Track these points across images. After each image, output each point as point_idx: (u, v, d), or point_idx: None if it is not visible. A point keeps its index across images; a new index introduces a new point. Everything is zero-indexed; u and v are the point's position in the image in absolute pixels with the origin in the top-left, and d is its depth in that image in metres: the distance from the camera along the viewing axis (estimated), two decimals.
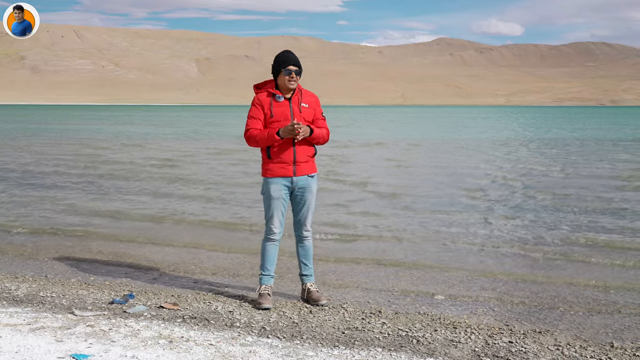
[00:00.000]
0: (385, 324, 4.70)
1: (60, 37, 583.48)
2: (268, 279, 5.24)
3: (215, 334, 4.40)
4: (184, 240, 8.06)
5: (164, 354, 3.95)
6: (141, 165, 17.60)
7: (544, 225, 9.03)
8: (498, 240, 8.10)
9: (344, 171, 16.05)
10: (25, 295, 5.47)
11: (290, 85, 5.05)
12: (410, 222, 9.33)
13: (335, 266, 6.73)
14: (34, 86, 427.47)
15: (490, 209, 10.48)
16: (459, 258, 7.15)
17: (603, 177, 14.86)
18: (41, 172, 15.80)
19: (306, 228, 5.26)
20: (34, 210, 10.27)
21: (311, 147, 5.16)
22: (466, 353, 4.16)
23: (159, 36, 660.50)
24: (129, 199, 11.54)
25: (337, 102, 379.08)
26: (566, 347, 4.32)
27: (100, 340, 4.18)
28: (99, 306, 5.10)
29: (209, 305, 5.13)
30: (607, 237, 8.21)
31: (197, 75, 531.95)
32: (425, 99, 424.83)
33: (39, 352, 3.92)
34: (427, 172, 16.29)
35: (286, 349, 4.12)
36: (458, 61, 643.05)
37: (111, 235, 8.40)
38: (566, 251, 7.50)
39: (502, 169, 16.99)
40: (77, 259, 7.03)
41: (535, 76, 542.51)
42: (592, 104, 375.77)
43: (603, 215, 9.82)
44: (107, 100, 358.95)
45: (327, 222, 9.08)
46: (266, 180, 5.14)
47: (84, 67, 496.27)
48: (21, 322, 4.57)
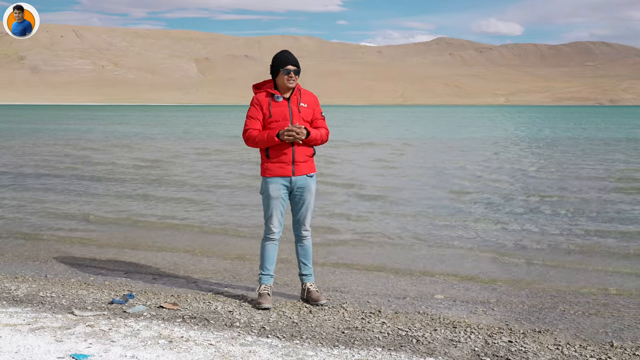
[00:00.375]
0: (385, 324, 4.70)
1: (59, 37, 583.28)
2: (267, 279, 5.24)
3: (215, 334, 4.40)
4: (183, 241, 8.06)
5: (163, 353, 3.95)
6: (125, 167, 17.59)
7: (541, 226, 9.03)
8: (495, 241, 8.10)
9: (332, 172, 16.00)
10: (25, 295, 5.47)
11: (289, 85, 5.05)
12: (405, 224, 9.33)
13: (335, 265, 6.74)
14: (34, 86, 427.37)
15: (485, 210, 10.48)
16: (457, 258, 7.15)
17: (597, 179, 14.86)
18: (21, 173, 15.79)
19: (305, 228, 5.26)
20: (27, 211, 10.26)
21: (310, 147, 5.16)
22: (466, 352, 4.17)
23: (158, 36, 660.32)
24: (120, 200, 11.54)
25: (337, 101, 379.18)
26: (566, 346, 4.32)
27: (100, 340, 4.18)
28: (99, 306, 5.10)
29: (209, 305, 5.13)
30: (604, 238, 8.21)
31: (196, 75, 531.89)
32: (424, 99, 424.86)
33: (38, 352, 3.92)
34: (417, 172, 16.27)
35: (286, 349, 4.13)
36: (458, 61, 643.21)
37: (110, 236, 8.40)
38: (565, 251, 7.50)
39: (490, 168, 17.00)
40: (76, 259, 7.03)
41: (535, 76, 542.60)
42: (591, 103, 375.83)
43: (600, 216, 9.82)
44: (106, 100, 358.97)
45: (321, 224, 9.08)
46: (265, 179, 5.14)
47: (84, 67, 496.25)
48: (21, 322, 4.57)
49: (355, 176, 15.15)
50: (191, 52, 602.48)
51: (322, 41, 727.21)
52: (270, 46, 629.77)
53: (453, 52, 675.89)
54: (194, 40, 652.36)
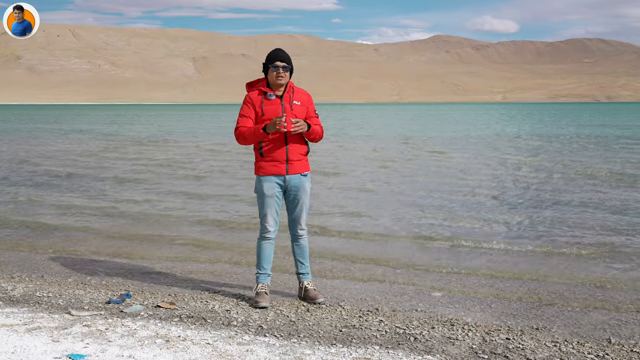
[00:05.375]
0: (382, 322, 4.70)
1: (56, 36, 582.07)
2: (264, 278, 5.23)
3: (212, 333, 4.39)
4: (180, 240, 8.04)
5: (160, 353, 3.94)
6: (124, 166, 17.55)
7: (538, 223, 9.04)
8: (492, 238, 8.10)
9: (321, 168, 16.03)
10: (21, 296, 5.45)
11: (278, 81, 5.03)
12: (400, 221, 9.32)
13: (332, 263, 6.73)
14: (31, 86, 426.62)
15: (483, 207, 10.48)
16: (454, 255, 7.15)
17: (600, 176, 14.87)
18: (20, 173, 15.76)
19: (301, 227, 5.25)
20: (23, 210, 10.25)
21: (304, 146, 5.15)
22: (464, 350, 4.16)
23: (155, 35, 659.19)
24: (116, 199, 11.52)
25: (334, 99, 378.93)
26: (564, 343, 4.32)
27: (97, 340, 4.17)
28: (96, 306, 5.09)
29: (206, 305, 5.12)
30: (603, 234, 8.21)
31: (193, 73, 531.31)
32: (422, 97, 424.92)
33: (35, 353, 3.91)
34: (415, 169, 16.28)
35: (283, 348, 4.12)
36: (454, 58, 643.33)
37: (107, 235, 8.38)
38: (562, 247, 7.50)
39: (490, 166, 17.01)
40: (73, 259, 7.01)
41: (532, 73, 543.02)
42: (588, 100, 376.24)
43: (596, 211, 9.83)
44: (103, 99, 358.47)
45: (318, 220, 9.08)
46: (259, 178, 5.13)
47: (80, 67, 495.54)
48: (17, 323, 4.55)
49: (344, 170, 15.17)
50: (188, 51, 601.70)
51: (319, 39, 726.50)
52: (267, 45, 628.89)
53: (450, 49, 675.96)
54: (190, 39, 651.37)
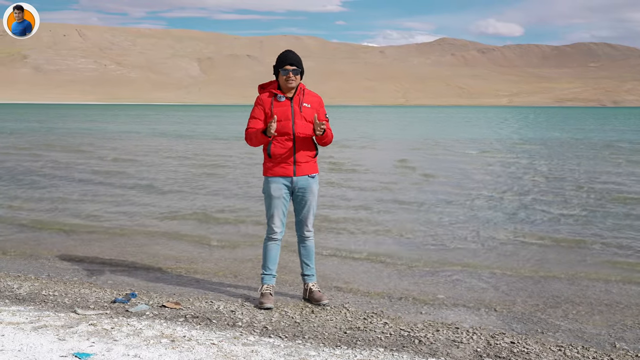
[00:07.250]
0: (387, 324, 4.70)
1: (62, 36, 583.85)
2: (270, 279, 5.24)
3: (217, 334, 4.40)
4: (185, 241, 8.06)
5: (166, 353, 3.95)
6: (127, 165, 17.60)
7: (544, 227, 9.03)
8: (498, 241, 8.08)
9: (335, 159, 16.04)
10: (27, 294, 5.47)
11: (288, 85, 5.06)
12: (405, 223, 9.32)
13: (337, 264, 6.73)
14: (37, 85, 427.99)
15: (489, 210, 10.47)
16: (459, 258, 7.14)
17: (606, 181, 14.84)
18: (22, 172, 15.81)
19: (307, 228, 5.26)
20: (29, 209, 10.28)
21: (312, 148, 5.17)
22: (468, 353, 4.16)
23: (160, 35, 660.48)
24: (121, 198, 11.55)
25: (339, 102, 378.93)
26: (568, 347, 4.32)
27: (102, 339, 4.19)
28: (102, 305, 5.11)
29: (211, 305, 5.14)
30: (609, 239, 8.19)
31: (198, 74, 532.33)
32: (427, 100, 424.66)
33: (41, 351, 3.93)
34: (425, 171, 16.27)
35: (288, 349, 4.13)
36: (460, 61, 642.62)
37: (113, 234, 8.40)
38: (568, 252, 7.48)
39: (497, 170, 16.99)
40: (79, 258, 7.04)
41: (538, 77, 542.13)
42: (594, 104, 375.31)
43: (604, 216, 9.81)
44: (108, 99, 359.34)
45: (324, 219, 9.08)
46: (267, 179, 5.16)
47: (86, 66, 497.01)
48: (24, 321, 4.58)
49: (360, 171, 15.17)
50: (193, 51, 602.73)
51: (325, 41, 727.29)
52: (272, 46, 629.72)
53: (455, 52, 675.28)
54: (196, 39, 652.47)
